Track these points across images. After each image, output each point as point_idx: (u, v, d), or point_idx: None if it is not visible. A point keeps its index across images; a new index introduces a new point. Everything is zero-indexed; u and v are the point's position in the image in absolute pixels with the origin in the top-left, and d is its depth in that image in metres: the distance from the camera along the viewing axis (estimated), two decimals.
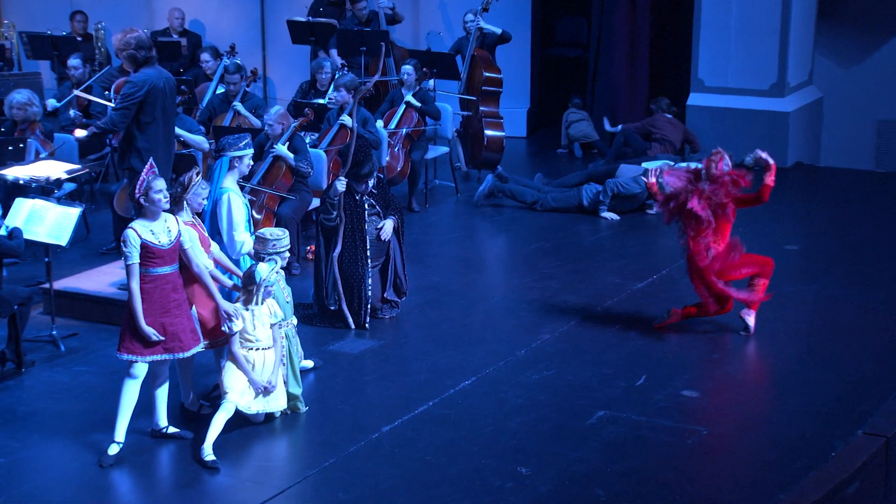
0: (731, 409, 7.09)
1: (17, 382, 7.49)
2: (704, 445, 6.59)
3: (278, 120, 9.44)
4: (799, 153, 13.23)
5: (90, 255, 9.86)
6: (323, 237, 8.33)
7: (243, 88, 11.05)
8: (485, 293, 9.15)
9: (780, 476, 6.23)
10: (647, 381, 7.44)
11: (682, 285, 9.34)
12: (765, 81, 12.95)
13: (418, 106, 11.43)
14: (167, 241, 6.40)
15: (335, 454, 6.48)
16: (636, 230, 10.86)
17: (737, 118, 12.97)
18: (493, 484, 6.17)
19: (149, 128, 8.00)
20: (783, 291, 9.12)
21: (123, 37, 7.93)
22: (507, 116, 13.06)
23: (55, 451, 6.59)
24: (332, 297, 8.33)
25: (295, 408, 6.97)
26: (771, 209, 11.48)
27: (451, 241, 10.69)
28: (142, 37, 7.97)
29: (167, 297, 6.42)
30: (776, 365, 7.81)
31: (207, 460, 6.33)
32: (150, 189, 6.33)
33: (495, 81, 12.61)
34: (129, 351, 6.39)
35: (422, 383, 7.42)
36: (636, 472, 6.30)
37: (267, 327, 6.74)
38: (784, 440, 6.65)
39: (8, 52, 13.84)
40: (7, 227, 7.58)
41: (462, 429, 6.78)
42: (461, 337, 8.23)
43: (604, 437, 6.68)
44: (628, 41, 13.64)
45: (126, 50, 7.91)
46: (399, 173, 11.26)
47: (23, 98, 10.02)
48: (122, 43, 7.91)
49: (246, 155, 7.30)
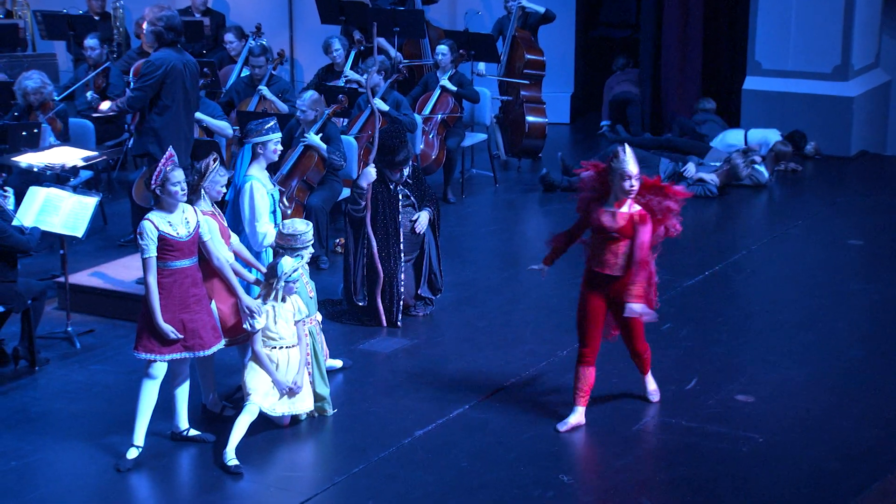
0: (788, 415, 7.04)
1: (31, 381, 7.56)
2: (760, 454, 6.55)
3: (312, 106, 9.44)
4: (864, 141, 13.10)
5: (107, 247, 9.94)
6: (352, 229, 8.34)
7: (269, 71, 11.09)
8: (524, 290, 9.14)
9: (841, 488, 6.18)
10: (699, 385, 7.40)
11: (735, 283, 9.30)
12: (827, 64, 12.84)
13: (454, 90, 11.42)
14: (186, 233, 6.43)
15: (364, 460, 6.49)
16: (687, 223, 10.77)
17: (797, 104, 12.87)
18: (533, 493, 6.16)
19: (167, 111, 8.05)
20: (846, 290, 9.06)
21: (159, 11, 8.03)
22: (550, 102, 13.03)
23: (70, 455, 6.64)
24: (361, 292, 8.34)
25: (322, 410, 6.99)
26: (832, 201, 11.43)
27: (489, 234, 10.68)
28: (175, 18, 8.07)
29: (186, 292, 6.46)
30: (837, 368, 7.74)
31: (230, 465, 6.36)
32: (168, 180, 6.36)
33: (537, 64, 12.58)
34: (146, 349, 6.43)
35: (457, 385, 7.42)
36: (686, 481, 6.27)
37: (290, 324, 6.75)
38: (846, 449, 6.60)
39: (21, 31, 13.95)
40: (21, 221, 7.65)
41: (499, 434, 6.78)
42: (499, 336, 8.23)
43: (651, 444, 6.66)
44: (680, 20, 13.55)
45: (156, 25, 8.01)
46: (434, 161, 11.26)
47: (35, 83, 10.10)
48: (154, 17, 8.01)
49: (270, 141, 7.28)
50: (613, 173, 6.59)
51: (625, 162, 6.55)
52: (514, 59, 12.57)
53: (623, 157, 6.55)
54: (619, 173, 6.56)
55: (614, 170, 6.58)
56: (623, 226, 6.60)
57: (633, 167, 6.56)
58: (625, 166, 6.54)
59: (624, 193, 6.58)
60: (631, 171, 6.54)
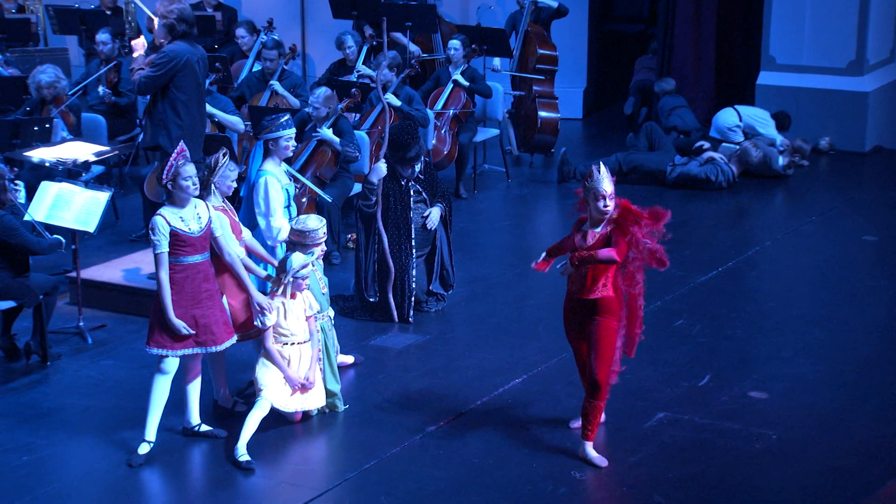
0: (802, 411, 7.02)
1: (42, 376, 7.58)
2: (773, 451, 6.54)
3: (325, 103, 9.45)
4: (879, 136, 13.06)
5: (119, 242, 9.96)
6: (363, 225, 8.34)
7: (281, 66, 11.10)
8: (537, 285, 9.13)
9: (855, 485, 6.17)
10: (712, 381, 7.39)
11: (749, 279, 9.29)
12: (842, 59, 12.80)
13: (467, 85, 11.42)
14: (198, 229, 6.44)
15: (376, 456, 6.50)
16: (700, 219, 10.79)
17: (811, 99, 12.84)
18: (545, 489, 6.16)
19: (179, 105, 8.06)
20: (861, 286, 9.04)
21: (170, 4, 8.03)
22: (562, 97, 13.02)
23: (82, 450, 6.66)
24: (372, 288, 8.35)
25: (333, 406, 7.00)
26: (848, 197, 11.40)
27: (502, 230, 10.68)
28: (187, 11, 8.08)
29: (198, 287, 6.47)
30: (852, 365, 7.72)
31: (242, 461, 6.37)
32: (179, 175, 6.36)
33: (550, 59, 12.58)
34: (158, 345, 6.44)
35: (469, 381, 7.42)
36: (698, 478, 6.26)
37: (302, 320, 6.76)
38: (861, 446, 6.58)
39: (33, 26, 13.98)
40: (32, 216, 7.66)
41: (511, 430, 6.78)
42: (511, 332, 8.23)
43: (664, 440, 6.65)
44: (694, 15, 13.52)
45: (168, 17, 8.01)
46: (446, 157, 11.26)
47: (49, 77, 10.15)
48: (166, 9, 8.01)
49: (281, 137, 7.28)
50: (587, 193, 6.25)
51: (598, 181, 6.20)
52: (527, 54, 12.55)
53: (597, 175, 6.21)
54: (594, 193, 6.21)
55: (588, 189, 6.24)
56: (592, 245, 6.24)
57: (607, 186, 6.19)
58: (598, 185, 6.19)
59: (599, 213, 6.23)
60: (605, 191, 6.18)
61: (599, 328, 6.31)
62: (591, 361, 6.32)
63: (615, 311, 6.35)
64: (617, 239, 6.23)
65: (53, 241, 7.62)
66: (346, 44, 11.79)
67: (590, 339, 6.34)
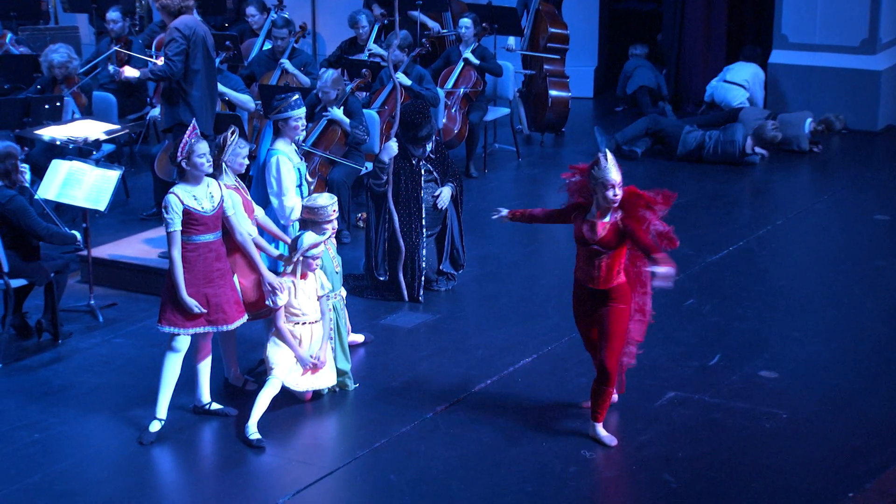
0: (813, 391, 7.02)
1: (54, 354, 7.61)
2: (783, 430, 6.54)
3: (333, 85, 9.43)
4: (890, 115, 13.00)
5: (130, 220, 9.98)
6: (373, 204, 8.34)
7: (291, 44, 11.08)
8: (547, 265, 9.13)
9: (865, 464, 6.17)
10: (722, 361, 7.39)
11: (760, 258, 9.27)
12: (855, 37, 12.73)
13: (477, 64, 11.39)
14: (210, 207, 6.44)
15: (386, 434, 6.52)
16: (711, 199, 10.76)
17: (823, 77, 12.78)
18: (555, 468, 6.17)
19: (196, 77, 8.11)
20: (872, 265, 9.02)
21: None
22: (573, 76, 12.97)
23: (93, 427, 6.69)
24: (382, 267, 8.35)
25: (343, 385, 7.01)
26: (859, 176, 11.36)
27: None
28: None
29: (210, 266, 6.48)
30: (863, 344, 7.71)
31: (252, 439, 6.40)
32: (193, 152, 6.37)
33: (561, 38, 12.53)
34: (170, 323, 6.46)
35: (479, 360, 7.43)
36: (708, 457, 6.27)
37: (314, 300, 6.77)
38: (870, 425, 6.58)
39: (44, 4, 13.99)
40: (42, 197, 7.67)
41: (522, 409, 6.79)
42: (521, 311, 8.23)
43: (674, 419, 6.65)
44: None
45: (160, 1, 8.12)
46: (456, 136, 11.25)
47: (62, 57, 10.15)
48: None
49: (291, 117, 7.25)
50: (595, 182, 6.09)
51: (606, 170, 6.04)
52: (538, 32, 12.51)
53: (604, 164, 6.04)
54: (601, 182, 6.05)
55: (595, 178, 6.08)
56: (604, 237, 6.12)
57: (615, 175, 6.04)
58: (606, 175, 6.03)
59: (606, 203, 6.08)
60: (613, 180, 6.03)
61: (612, 314, 6.25)
62: (603, 348, 6.27)
63: (628, 296, 6.31)
64: (634, 229, 6.10)
65: (68, 235, 7.60)
66: (360, 23, 11.76)
67: (602, 326, 6.28)
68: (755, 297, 8.41)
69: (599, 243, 6.15)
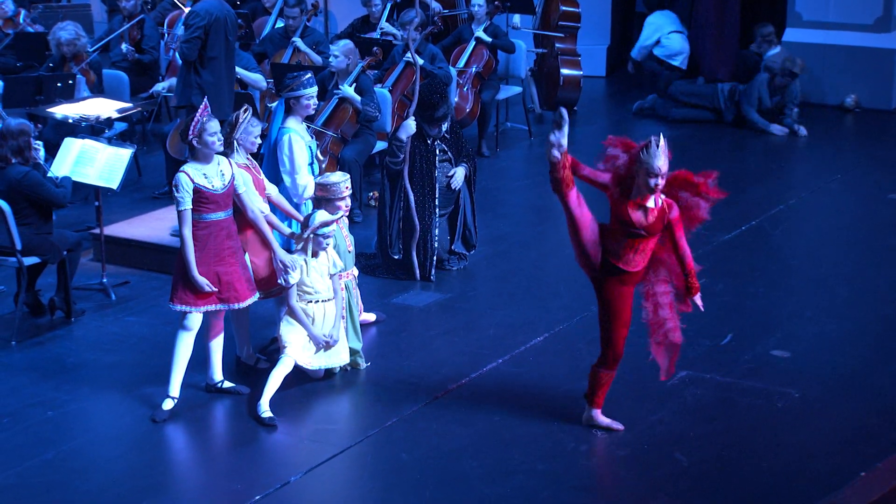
0: (825, 370, 7.00)
1: (66, 332, 7.63)
2: (795, 409, 6.53)
3: (346, 53, 9.39)
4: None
5: (142, 199, 9.99)
6: (388, 182, 8.33)
7: (303, 23, 11.04)
8: (559, 244, 9.09)
9: (878, 443, 6.15)
10: (734, 340, 7.37)
11: (773, 237, 9.24)
12: (869, 15, 12.66)
13: (489, 42, 11.34)
14: (221, 186, 6.44)
15: (398, 413, 6.52)
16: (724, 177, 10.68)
17: (837, 56, 12.71)
18: (567, 447, 6.17)
19: (212, 63, 8.08)
20: (885, 244, 8.99)
21: None
22: (585, 54, 12.91)
23: (105, 405, 6.71)
24: (396, 245, 8.34)
25: (355, 364, 7.02)
26: (872, 155, 11.31)
27: (524, 188, 10.64)
28: None
29: (221, 244, 6.47)
30: (875, 323, 7.69)
31: (264, 417, 6.40)
32: (205, 131, 6.36)
33: (573, 16, 12.48)
34: (182, 301, 6.46)
35: (491, 339, 7.43)
36: (720, 436, 6.26)
37: (326, 278, 6.76)
38: (882, 405, 6.56)
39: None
40: (55, 175, 7.68)
41: (533, 388, 6.79)
42: (533, 291, 8.22)
43: (686, 399, 6.65)
44: None
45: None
46: (468, 115, 11.21)
47: (69, 34, 10.14)
48: None
49: (303, 95, 7.22)
50: (640, 165, 5.83)
51: (655, 156, 5.77)
52: (550, 11, 12.46)
53: (654, 150, 5.78)
54: (646, 168, 5.80)
55: (641, 162, 5.81)
56: (653, 223, 5.92)
57: (662, 163, 5.79)
58: (653, 161, 5.77)
59: (648, 189, 5.85)
60: (659, 168, 5.79)
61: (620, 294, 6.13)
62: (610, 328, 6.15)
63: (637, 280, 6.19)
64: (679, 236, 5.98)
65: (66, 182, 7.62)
66: (372, 1, 11.72)
67: (607, 306, 6.12)
68: (767, 277, 8.38)
69: (648, 229, 5.97)
